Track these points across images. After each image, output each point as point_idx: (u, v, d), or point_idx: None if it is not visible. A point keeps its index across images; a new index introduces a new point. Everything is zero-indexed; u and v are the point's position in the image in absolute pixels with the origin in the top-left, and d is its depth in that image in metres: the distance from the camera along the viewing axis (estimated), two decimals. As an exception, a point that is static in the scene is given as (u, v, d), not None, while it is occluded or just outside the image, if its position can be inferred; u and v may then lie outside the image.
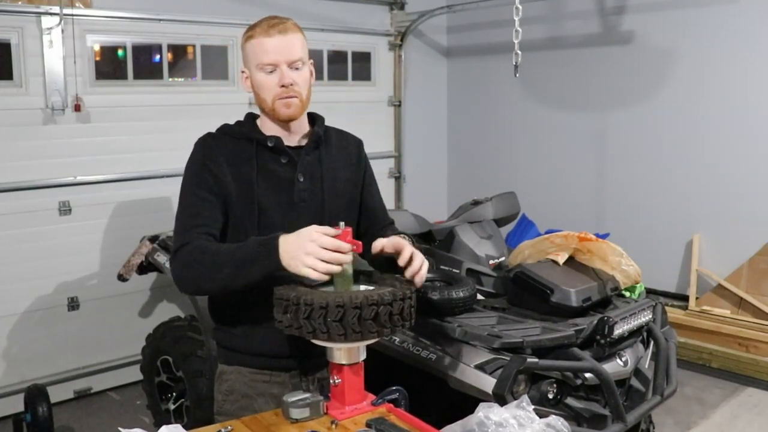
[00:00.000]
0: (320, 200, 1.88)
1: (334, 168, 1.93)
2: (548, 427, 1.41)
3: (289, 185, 1.85)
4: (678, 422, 3.75)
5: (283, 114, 1.82)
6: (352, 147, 2.02)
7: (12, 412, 3.56)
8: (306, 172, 1.87)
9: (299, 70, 1.82)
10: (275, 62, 1.78)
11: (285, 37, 1.78)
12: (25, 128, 3.81)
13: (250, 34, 1.80)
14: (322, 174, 1.89)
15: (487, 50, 5.85)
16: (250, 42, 1.80)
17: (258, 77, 1.80)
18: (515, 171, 5.75)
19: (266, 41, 1.77)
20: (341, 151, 1.97)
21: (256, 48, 1.78)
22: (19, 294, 3.89)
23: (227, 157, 1.82)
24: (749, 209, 4.55)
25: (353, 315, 1.60)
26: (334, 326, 1.60)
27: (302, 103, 1.84)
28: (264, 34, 1.77)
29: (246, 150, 1.84)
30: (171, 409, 3.56)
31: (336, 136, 1.99)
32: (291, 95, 1.80)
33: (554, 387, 2.53)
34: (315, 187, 1.88)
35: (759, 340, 4.27)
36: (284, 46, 1.78)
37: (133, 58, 4.20)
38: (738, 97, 4.55)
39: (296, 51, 1.81)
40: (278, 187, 1.84)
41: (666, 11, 4.82)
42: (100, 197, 4.11)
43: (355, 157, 2.01)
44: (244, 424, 1.68)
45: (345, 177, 1.96)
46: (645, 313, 2.83)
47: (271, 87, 1.79)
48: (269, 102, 1.81)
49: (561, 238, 3.07)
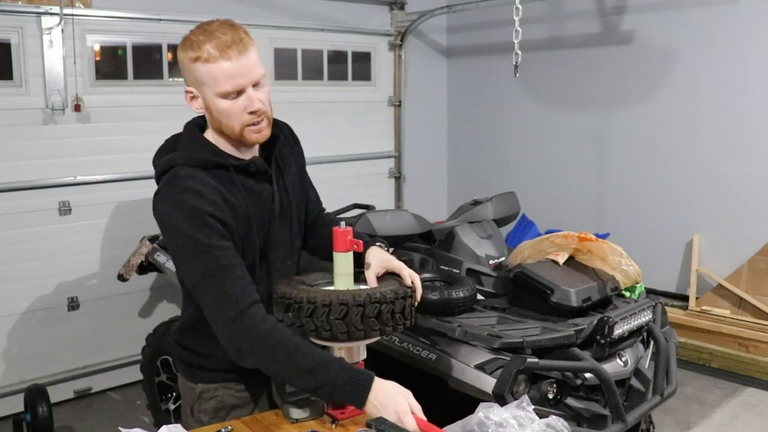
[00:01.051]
0: (288, 205, 1.80)
1: (288, 164, 1.83)
2: (548, 427, 1.41)
3: (270, 202, 1.74)
4: (678, 422, 3.74)
5: (254, 140, 1.66)
6: (287, 134, 1.86)
7: (12, 412, 3.56)
8: (279, 184, 1.77)
9: (262, 86, 1.64)
10: (241, 87, 1.58)
11: (246, 57, 1.57)
12: (25, 128, 3.81)
13: (201, 56, 1.55)
14: (283, 178, 1.79)
15: (487, 50, 5.85)
16: (205, 66, 1.56)
17: (220, 104, 1.60)
18: (515, 171, 5.75)
19: (226, 66, 1.55)
20: (286, 148, 1.83)
21: (215, 74, 1.56)
22: (19, 294, 3.89)
23: (220, 195, 1.61)
24: (749, 209, 4.55)
25: (356, 313, 1.60)
26: (337, 324, 1.60)
27: (269, 123, 1.68)
28: (222, 56, 1.54)
29: (226, 178, 1.65)
30: (171, 409, 3.56)
31: (275, 132, 1.77)
32: (261, 119, 1.63)
33: (554, 387, 2.53)
34: (285, 194, 1.80)
35: (759, 340, 4.27)
36: (247, 67, 1.57)
37: (133, 58, 4.20)
38: (738, 97, 4.55)
39: (258, 68, 1.61)
40: (263, 207, 1.72)
41: (666, 11, 4.82)
42: (100, 197, 4.11)
43: (293, 143, 1.88)
44: (244, 424, 1.68)
45: (296, 173, 1.85)
46: (645, 313, 2.83)
47: (237, 114, 1.60)
48: (236, 129, 1.63)
49: (561, 238, 3.07)
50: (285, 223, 1.79)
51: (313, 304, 1.61)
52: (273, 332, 1.55)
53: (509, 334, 2.55)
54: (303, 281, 1.78)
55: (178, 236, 1.57)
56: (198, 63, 1.57)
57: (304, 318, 1.63)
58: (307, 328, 1.63)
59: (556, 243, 3.07)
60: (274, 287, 1.74)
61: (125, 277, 3.78)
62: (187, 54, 1.59)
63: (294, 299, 1.64)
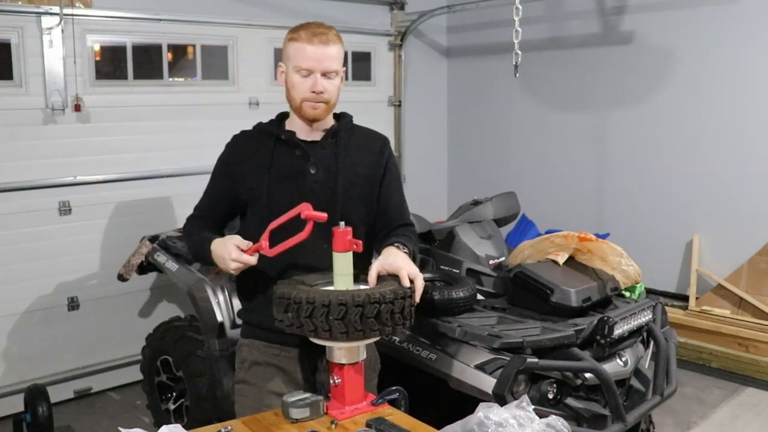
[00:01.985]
0: (333, 193, 1.97)
1: (353, 163, 2.02)
2: (548, 427, 1.41)
3: (301, 176, 1.97)
4: (678, 422, 3.74)
5: (309, 115, 1.97)
6: (376, 144, 2.11)
7: (12, 412, 3.56)
8: (319, 165, 1.98)
9: (331, 80, 1.96)
10: (311, 69, 1.92)
11: (325, 48, 1.92)
12: (25, 128, 3.81)
13: (294, 36, 1.94)
14: (337, 168, 1.98)
15: (487, 50, 5.85)
16: (293, 44, 1.94)
17: (293, 77, 1.95)
18: (515, 171, 5.75)
19: (307, 48, 1.91)
20: (363, 148, 2.06)
21: (297, 51, 1.92)
22: (19, 294, 3.89)
23: (246, 153, 2.03)
24: (749, 209, 4.55)
25: (355, 313, 1.60)
26: (336, 324, 1.60)
27: (328, 107, 1.99)
28: (307, 40, 1.91)
29: (265, 144, 2.01)
30: (171, 409, 3.56)
31: (361, 133, 2.10)
32: (319, 100, 1.94)
33: (554, 387, 2.53)
34: (329, 179, 1.98)
35: (759, 340, 4.27)
36: (323, 56, 1.92)
37: (133, 58, 4.20)
38: (738, 97, 4.55)
39: (333, 63, 1.94)
40: (289, 178, 1.97)
41: (666, 11, 4.82)
42: (100, 197, 4.11)
43: (377, 154, 2.09)
44: (244, 424, 1.68)
45: (364, 172, 2.04)
46: (645, 313, 2.83)
47: (302, 89, 1.94)
48: (297, 101, 1.96)
49: (561, 238, 3.07)
50: (319, 205, 1.84)
51: (312, 304, 1.61)
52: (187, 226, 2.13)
53: (509, 334, 2.55)
54: (303, 281, 1.78)
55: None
56: (291, 42, 1.96)
57: (303, 318, 1.63)
58: (306, 329, 1.63)
59: (556, 243, 3.07)
60: (274, 287, 1.75)
61: (125, 277, 3.78)
62: (288, 35, 1.98)
63: (293, 299, 1.64)
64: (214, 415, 3.13)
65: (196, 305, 3.16)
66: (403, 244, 1.90)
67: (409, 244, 1.94)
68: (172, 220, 4.28)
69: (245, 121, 4.37)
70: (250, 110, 4.61)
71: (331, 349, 1.71)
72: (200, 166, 4.34)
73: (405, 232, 2.04)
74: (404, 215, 2.12)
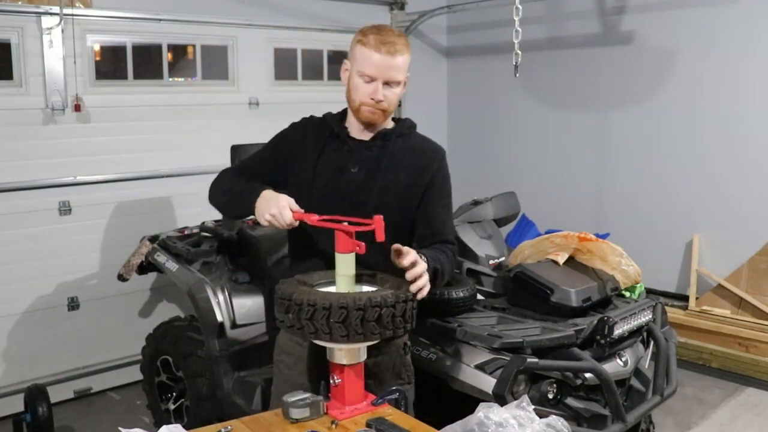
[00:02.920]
0: (370, 194, 1.97)
1: (396, 169, 2.01)
2: (548, 427, 1.41)
3: (342, 172, 2.00)
4: (678, 422, 3.74)
5: (365, 118, 1.99)
6: (426, 155, 2.09)
7: (12, 412, 3.55)
8: (362, 165, 2.00)
9: (393, 88, 1.95)
10: (374, 77, 1.92)
11: (391, 59, 1.91)
12: (25, 128, 3.81)
13: (363, 40, 1.94)
14: (381, 171, 1.99)
15: (487, 50, 5.85)
16: (360, 47, 1.94)
17: (356, 80, 1.96)
18: (515, 171, 5.75)
19: (373, 55, 1.91)
20: (412, 156, 2.05)
21: (363, 56, 1.93)
22: (19, 294, 3.89)
23: (306, 138, 2.06)
24: (749, 209, 4.55)
25: (356, 317, 1.60)
26: (336, 327, 1.60)
27: (386, 114, 2.00)
28: (374, 47, 1.91)
29: (323, 134, 2.05)
30: (171, 409, 3.56)
31: (416, 141, 2.11)
32: (378, 108, 1.96)
33: (554, 387, 2.53)
34: (369, 180, 1.99)
35: (759, 340, 4.27)
36: (388, 66, 1.92)
37: (133, 58, 4.20)
38: (738, 97, 4.55)
39: (397, 73, 1.94)
40: (332, 172, 2.00)
41: (666, 11, 4.82)
42: (100, 197, 4.11)
43: (425, 165, 2.06)
44: (244, 424, 1.68)
45: (405, 180, 2.02)
46: (645, 313, 2.83)
47: (362, 94, 1.95)
48: (356, 103, 1.98)
49: (561, 238, 3.07)
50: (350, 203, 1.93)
51: (312, 306, 1.61)
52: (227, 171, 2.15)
53: (509, 334, 2.55)
54: (305, 281, 1.78)
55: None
56: (359, 44, 1.95)
57: (304, 320, 1.63)
58: (307, 330, 1.63)
59: (556, 243, 3.07)
60: (275, 287, 1.75)
61: (125, 277, 3.78)
62: (357, 36, 1.98)
63: (294, 301, 1.64)
64: (214, 415, 3.14)
65: (196, 305, 3.16)
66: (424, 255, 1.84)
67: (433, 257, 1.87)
68: (172, 220, 4.28)
69: (245, 121, 4.44)
70: (250, 110, 4.60)
71: (332, 350, 1.71)
72: (200, 166, 4.35)
73: (441, 248, 1.98)
74: (445, 232, 2.06)
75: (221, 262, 3.39)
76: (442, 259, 1.94)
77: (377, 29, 1.95)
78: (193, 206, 4.25)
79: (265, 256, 3.25)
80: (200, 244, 3.49)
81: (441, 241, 2.03)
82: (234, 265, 3.39)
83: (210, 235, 3.54)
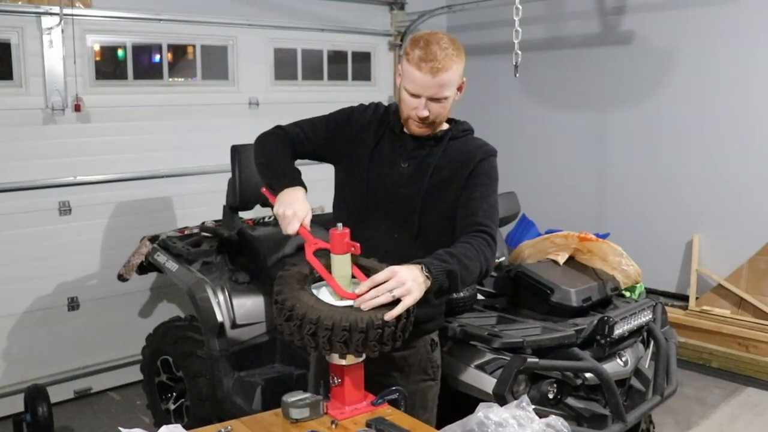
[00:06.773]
0: (418, 191, 1.98)
1: (445, 167, 2.00)
2: (548, 427, 1.41)
3: (393, 166, 2.01)
4: (678, 422, 3.74)
5: (412, 131, 1.99)
6: (475, 153, 2.03)
7: (12, 412, 3.56)
8: (412, 161, 2.00)
9: (441, 102, 1.91)
10: (418, 94, 1.89)
11: (433, 78, 1.85)
12: (25, 128, 3.81)
13: (409, 53, 1.88)
14: (431, 170, 1.98)
15: (487, 50, 5.84)
16: (407, 64, 1.89)
17: (403, 92, 1.94)
18: (515, 171, 5.73)
19: (415, 73, 1.86)
20: (461, 154, 2.02)
21: (407, 72, 1.89)
22: (19, 294, 3.89)
23: (369, 124, 2.06)
24: (749, 209, 4.55)
25: (358, 339, 1.60)
26: (337, 346, 1.60)
27: (433, 125, 1.98)
28: (416, 65, 1.85)
29: (381, 126, 2.05)
30: (171, 409, 3.56)
31: (467, 142, 2.07)
32: (422, 123, 1.94)
33: (554, 387, 2.53)
34: (418, 178, 1.99)
35: (759, 340, 4.27)
36: (430, 85, 1.86)
37: (133, 58, 4.20)
38: (738, 97, 4.55)
39: (441, 90, 1.88)
40: (383, 165, 2.02)
41: (666, 11, 4.82)
42: (100, 197, 4.11)
43: (469, 159, 2.01)
44: (244, 424, 1.68)
45: (450, 177, 2.00)
46: (645, 313, 2.82)
47: (408, 107, 1.93)
48: (404, 114, 1.97)
49: (561, 238, 3.07)
50: (398, 200, 1.98)
51: (315, 324, 1.60)
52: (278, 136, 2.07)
53: (509, 334, 2.55)
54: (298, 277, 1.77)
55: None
56: (405, 58, 1.92)
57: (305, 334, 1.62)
58: (307, 344, 1.65)
59: (556, 243, 3.07)
60: (275, 287, 1.75)
61: (125, 277, 3.78)
62: (407, 46, 1.94)
63: (295, 314, 1.63)
64: (214, 415, 3.14)
65: (196, 305, 3.16)
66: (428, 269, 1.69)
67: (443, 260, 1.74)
68: (172, 220, 4.29)
69: (245, 121, 4.44)
70: (250, 110, 4.60)
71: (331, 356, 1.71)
72: (200, 166, 4.36)
73: (467, 240, 1.85)
74: (480, 216, 1.92)
75: (221, 262, 3.39)
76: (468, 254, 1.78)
77: (425, 42, 1.86)
78: (193, 206, 4.25)
79: (265, 256, 3.25)
80: (200, 244, 3.50)
81: (474, 225, 1.90)
82: (234, 265, 3.39)
83: (210, 235, 3.54)
